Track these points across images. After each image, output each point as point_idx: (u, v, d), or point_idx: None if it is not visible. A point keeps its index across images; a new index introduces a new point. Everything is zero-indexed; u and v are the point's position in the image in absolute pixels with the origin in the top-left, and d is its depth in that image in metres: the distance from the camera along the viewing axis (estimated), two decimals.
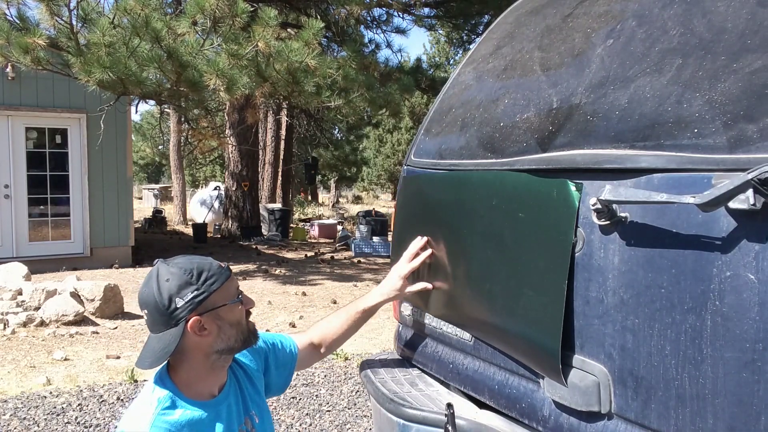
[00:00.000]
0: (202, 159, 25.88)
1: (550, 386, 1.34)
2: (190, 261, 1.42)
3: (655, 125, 1.16)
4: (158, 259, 1.44)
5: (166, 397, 1.40)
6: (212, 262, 1.43)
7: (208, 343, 1.41)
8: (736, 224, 1.01)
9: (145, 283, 1.41)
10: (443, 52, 26.24)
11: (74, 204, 9.20)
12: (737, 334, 1.00)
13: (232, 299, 1.43)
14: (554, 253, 1.29)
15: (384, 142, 30.76)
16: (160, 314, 1.37)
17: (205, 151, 20.83)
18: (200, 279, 1.38)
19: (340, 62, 7.89)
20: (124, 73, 6.50)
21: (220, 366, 1.47)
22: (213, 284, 1.39)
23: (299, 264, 10.32)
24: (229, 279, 1.44)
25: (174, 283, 1.36)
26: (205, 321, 1.38)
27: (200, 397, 1.44)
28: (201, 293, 1.37)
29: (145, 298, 1.39)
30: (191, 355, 1.42)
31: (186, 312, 1.36)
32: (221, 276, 1.41)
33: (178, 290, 1.36)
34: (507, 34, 1.83)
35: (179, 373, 1.44)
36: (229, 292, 1.43)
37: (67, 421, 3.56)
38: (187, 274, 1.37)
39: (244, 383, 1.58)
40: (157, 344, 1.38)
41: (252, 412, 1.57)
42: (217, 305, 1.40)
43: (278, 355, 1.73)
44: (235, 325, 1.43)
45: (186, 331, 1.37)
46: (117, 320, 6.00)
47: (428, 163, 1.85)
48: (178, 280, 1.37)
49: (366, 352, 4.96)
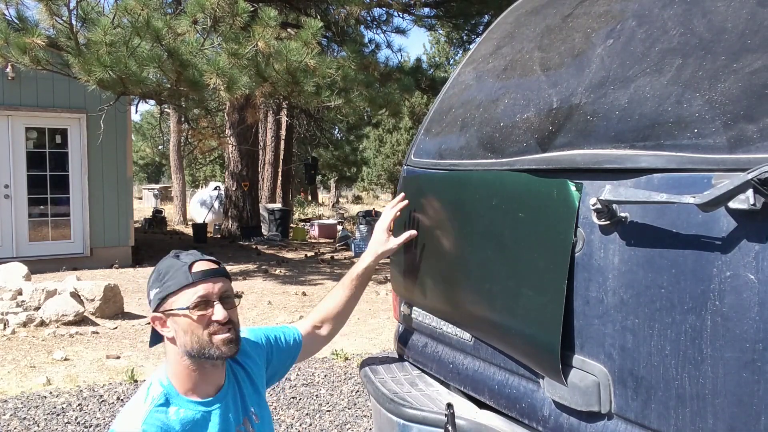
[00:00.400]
0: (202, 159, 25.88)
1: (550, 386, 1.34)
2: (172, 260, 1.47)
3: (655, 125, 1.16)
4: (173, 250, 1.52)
5: (161, 394, 1.42)
6: (183, 266, 1.44)
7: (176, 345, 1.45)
8: (736, 224, 1.01)
9: None
10: (443, 52, 26.23)
11: (74, 204, 9.20)
12: (737, 334, 1.00)
13: (181, 306, 1.42)
14: (554, 253, 1.29)
15: (384, 142, 30.74)
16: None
17: (205, 151, 20.83)
18: (163, 280, 1.45)
19: (339, 62, 7.89)
20: (125, 72, 6.49)
21: (201, 369, 1.46)
22: (170, 286, 1.43)
23: (299, 264, 10.32)
24: (189, 285, 1.42)
25: (152, 279, 1.49)
26: (166, 320, 1.46)
27: (195, 396, 1.46)
28: (159, 293, 1.45)
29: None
30: (170, 352, 1.47)
31: (153, 306, 1.47)
32: (179, 280, 1.43)
33: (150, 285, 1.48)
34: (507, 34, 1.83)
35: (171, 370, 1.47)
36: (186, 299, 1.42)
37: (67, 421, 3.56)
38: (158, 272, 1.47)
39: (244, 383, 1.58)
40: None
41: (251, 413, 1.56)
42: (170, 308, 1.44)
43: (282, 347, 1.74)
44: (187, 332, 1.42)
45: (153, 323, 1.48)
46: (117, 320, 6.00)
47: (428, 163, 1.85)
48: (153, 277, 1.48)
49: (366, 352, 4.96)
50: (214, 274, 1.46)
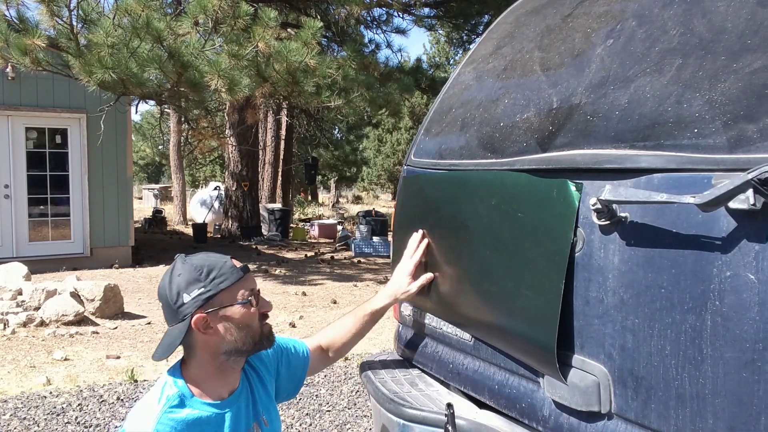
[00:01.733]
0: (202, 159, 25.88)
1: (550, 386, 1.34)
2: (204, 258, 1.43)
3: (655, 125, 1.16)
4: (180, 255, 1.47)
5: (175, 395, 1.40)
6: (226, 262, 1.44)
7: (215, 342, 1.41)
8: (736, 224, 1.01)
9: (163, 276, 1.45)
10: (443, 52, 26.24)
11: (74, 204, 9.21)
12: (737, 334, 1.00)
13: (241, 300, 1.42)
14: (554, 253, 1.29)
15: (384, 142, 30.75)
16: (169, 308, 1.41)
17: (205, 151, 20.84)
18: (209, 277, 1.39)
19: (339, 62, 7.89)
20: (125, 73, 6.49)
21: (229, 368, 1.46)
22: (221, 283, 1.40)
23: (299, 264, 10.32)
24: (240, 280, 1.43)
25: (183, 279, 1.39)
26: (211, 319, 1.39)
27: (209, 398, 1.44)
28: (207, 291, 1.38)
29: (160, 291, 1.44)
30: (199, 353, 1.43)
31: (191, 308, 1.38)
32: (231, 276, 1.41)
33: (186, 286, 1.39)
34: (507, 34, 1.83)
35: (189, 369, 1.45)
36: (238, 293, 1.42)
37: (67, 421, 3.56)
38: (196, 271, 1.39)
39: (257, 387, 1.57)
40: (166, 337, 1.42)
41: (262, 417, 1.55)
42: (224, 305, 1.40)
43: (291, 360, 1.72)
44: (243, 327, 1.42)
45: (191, 327, 1.38)
46: (117, 320, 6.00)
47: (428, 163, 1.85)
48: (188, 276, 1.39)
49: (366, 352, 4.96)
50: (248, 268, 1.48)
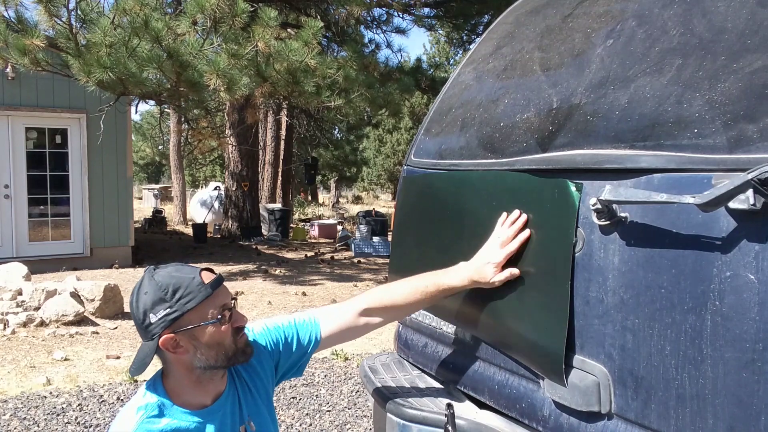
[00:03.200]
0: (202, 159, 25.86)
1: (550, 386, 1.34)
2: (170, 275, 1.36)
3: (655, 125, 1.16)
4: (149, 267, 1.41)
5: (154, 404, 1.37)
6: (194, 278, 1.36)
7: (186, 360, 1.38)
8: (736, 224, 1.01)
9: (133, 290, 1.39)
10: (443, 52, 26.22)
11: (74, 204, 9.20)
12: (737, 334, 1.00)
13: (210, 320, 1.36)
14: (555, 253, 1.29)
15: (384, 142, 30.74)
16: (137, 326, 1.37)
17: (205, 151, 20.83)
18: (174, 296, 1.33)
19: (340, 62, 7.89)
20: (124, 73, 6.49)
21: (207, 379, 1.43)
22: (187, 303, 1.33)
23: (299, 264, 10.32)
24: (209, 297, 1.36)
25: (149, 299, 1.34)
26: (180, 339, 1.35)
27: (189, 406, 1.41)
28: (173, 311, 1.33)
29: (130, 306, 1.40)
30: (174, 367, 1.40)
31: (158, 329, 1.33)
32: (199, 294, 1.34)
33: (152, 306, 1.34)
34: (507, 34, 1.83)
35: (169, 380, 1.42)
36: (207, 312, 1.36)
37: (67, 421, 3.56)
38: (161, 291, 1.34)
39: (243, 392, 1.55)
40: (140, 353, 1.38)
41: (248, 422, 1.53)
42: (192, 325, 1.35)
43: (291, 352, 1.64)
44: (213, 345, 1.37)
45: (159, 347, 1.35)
46: (117, 320, 6.00)
47: (428, 163, 1.85)
48: (153, 296, 1.34)
49: (366, 352, 4.96)
50: (221, 280, 1.41)
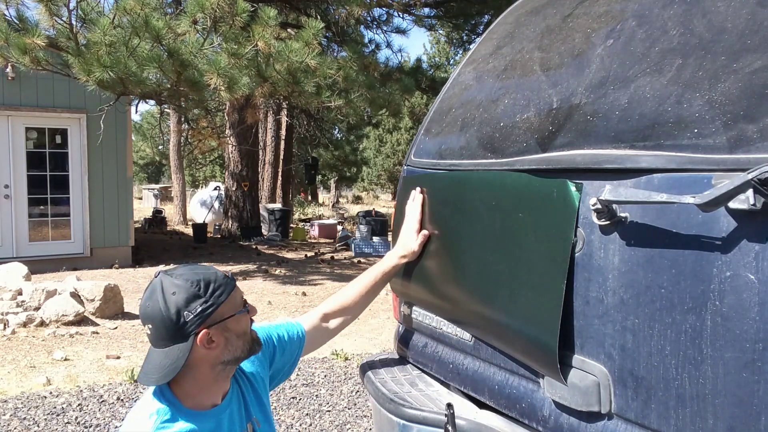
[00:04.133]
0: (202, 159, 25.86)
1: (550, 386, 1.34)
2: (194, 272, 1.37)
3: (655, 125, 1.16)
4: (159, 271, 1.40)
5: (166, 409, 1.37)
6: (217, 273, 1.40)
7: (215, 355, 1.38)
8: (736, 224, 1.01)
9: (149, 296, 1.36)
10: (443, 52, 26.22)
11: (74, 204, 9.20)
12: (737, 334, 1.00)
13: (240, 309, 1.41)
14: (554, 253, 1.29)
15: (384, 142, 30.76)
16: (167, 329, 1.33)
17: (205, 151, 20.82)
18: (208, 291, 1.34)
19: (340, 62, 7.89)
20: (124, 72, 6.49)
21: (224, 376, 1.45)
22: (221, 296, 1.36)
23: (299, 264, 10.32)
24: (234, 289, 1.41)
25: (181, 297, 1.32)
26: (213, 333, 1.36)
27: (201, 407, 1.42)
28: (210, 306, 1.33)
29: (150, 312, 1.34)
30: (197, 367, 1.39)
31: (195, 326, 1.33)
32: (228, 286, 1.39)
33: (186, 303, 1.32)
34: (507, 34, 1.83)
35: (182, 384, 1.40)
36: (236, 302, 1.41)
37: (67, 421, 3.56)
38: (194, 287, 1.33)
39: (246, 389, 1.56)
40: (164, 359, 1.34)
41: (254, 418, 1.55)
42: (225, 317, 1.37)
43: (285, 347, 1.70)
44: (241, 335, 1.41)
45: (195, 344, 1.34)
46: (117, 320, 6.00)
47: (428, 163, 1.85)
48: (186, 293, 1.32)
49: (366, 352, 4.97)
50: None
